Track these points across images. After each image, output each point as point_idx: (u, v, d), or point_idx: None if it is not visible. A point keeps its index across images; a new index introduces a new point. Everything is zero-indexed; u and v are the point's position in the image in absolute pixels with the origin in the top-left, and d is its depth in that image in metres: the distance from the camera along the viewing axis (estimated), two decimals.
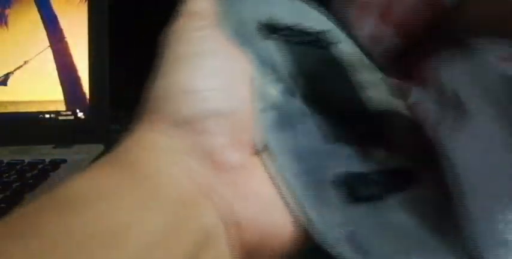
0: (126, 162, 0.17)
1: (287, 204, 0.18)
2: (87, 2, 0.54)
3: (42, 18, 0.55)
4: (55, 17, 0.55)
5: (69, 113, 0.54)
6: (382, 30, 0.22)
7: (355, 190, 0.19)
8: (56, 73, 0.54)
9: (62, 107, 0.54)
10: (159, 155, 0.17)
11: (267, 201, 0.18)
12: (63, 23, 0.55)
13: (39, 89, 0.55)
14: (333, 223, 0.18)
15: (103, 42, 0.53)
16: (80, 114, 0.54)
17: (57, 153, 0.50)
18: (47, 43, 0.55)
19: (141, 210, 0.15)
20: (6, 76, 0.56)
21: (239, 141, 0.18)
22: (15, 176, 0.45)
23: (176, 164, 0.17)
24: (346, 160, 0.21)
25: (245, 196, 0.17)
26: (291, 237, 0.18)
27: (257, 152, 0.19)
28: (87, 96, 0.53)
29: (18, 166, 0.47)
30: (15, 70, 0.55)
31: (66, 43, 0.54)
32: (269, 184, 0.18)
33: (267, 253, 0.18)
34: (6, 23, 0.56)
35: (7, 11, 0.56)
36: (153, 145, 0.18)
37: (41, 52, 0.55)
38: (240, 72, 0.20)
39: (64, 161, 0.47)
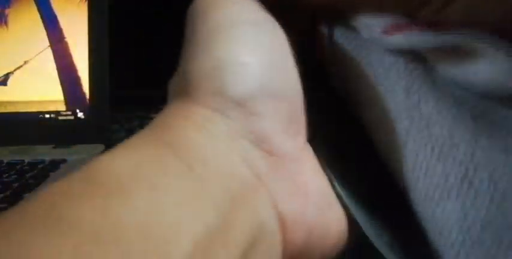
0: (171, 142, 0.14)
1: (339, 201, 0.17)
2: (87, 2, 0.54)
3: (42, 18, 0.55)
4: (55, 17, 0.55)
5: (69, 113, 0.54)
6: None
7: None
8: (56, 73, 0.54)
9: (62, 107, 0.54)
10: (212, 136, 0.15)
11: (316, 194, 0.16)
12: (63, 23, 0.55)
13: (39, 89, 0.55)
14: (384, 228, 0.17)
15: (103, 42, 0.53)
16: (80, 114, 0.54)
17: (57, 153, 0.50)
18: (47, 43, 0.55)
19: (193, 203, 0.13)
20: (6, 76, 0.56)
21: (293, 128, 0.16)
22: (15, 176, 0.45)
23: (231, 146, 0.15)
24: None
25: (296, 190, 0.16)
26: (340, 237, 0.16)
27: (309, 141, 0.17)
28: (87, 96, 0.53)
29: (18, 166, 0.47)
30: (15, 70, 0.55)
31: (66, 43, 0.54)
32: (320, 175, 0.17)
33: (314, 254, 0.16)
34: (6, 23, 0.56)
35: (7, 11, 0.56)
36: (203, 124, 0.15)
37: (41, 52, 0.55)
38: (284, 48, 0.17)
39: (64, 161, 0.47)
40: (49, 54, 0.54)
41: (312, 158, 0.17)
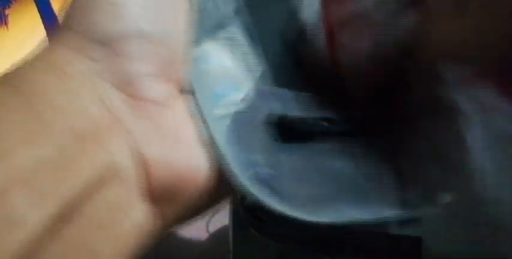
0: (21, 81, 0.14)
1: (204, 145, 0.16)
2: None
3: (42, 18, 0.55)
4: (55, 17, 0.55)
5: None
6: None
7: (286, 129, 0.18)
8: None
9: None
10: (67, 75, 0.15)
11: (184, 141, 0.16)
12: None
13: None
14: (250, 164, 0.17)
15: None
16: None
17: None
18: (47, 43, 0.55)
19: (23, 139, 0.13)
20: None
21: (166, 73, 0.16)
22: None
23: (86, 87, 0.15)
24: (286, 104, 0.19)
25: (161, 133, 0.15)
26: (205, 178, 0.16)
27: (183, 90, 0.17)
28: None
29: None
30: None
31: None
32: (189, 122, 0.17)
33: (179, 199, 0.16)
34: (6, 23, 0.56)
35: (7, 11, 0.56)
36: (60, 64, 0.15)
37: None
38: None
39: None
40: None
41: (183, 107, 0.17)
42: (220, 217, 0.70)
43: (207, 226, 0.72)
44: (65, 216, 0.12)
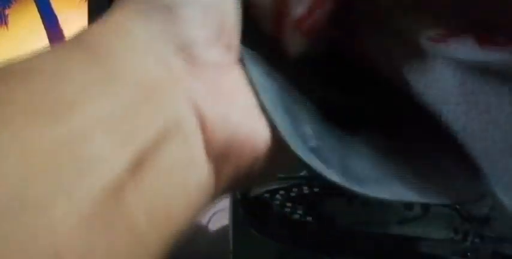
0: (89, 43, 0.15)
1: (262, 110, 0.17)
2: (87, 2, 0.54)
3: (42, 18, 0.55)
4: (55, 17, 0.55)
5: None
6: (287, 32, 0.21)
7: (330, 106, 0.19)
8: None
9: None
10: (130, 39, 0.15)
11: (241, 104, 0.17)
12: (63, 23, 0.55)
13: None
14: (302, 136, 0.18)
15: None
16: None
17: None
18: (47, 43, 0.55)
19: (94, 88, 0.13)
20: None
21: (223, 38, 0.17)
22: None
23: (149, 49, 0.15)
24: (329, 93, 0.20)
25: (219, 94, 0.16)
26: (261, 143, 0.17)
27: (240, 56, 0.18)
28: None
29: None
30: None
31: None
32: (246, 88, 0.17)
33: (234, 159, 0.16)
34: (6, 23, 0.56)
35: (7, 11, 0.56)
36: (123, 28, 0.16)
37: None
38: None
39: None
40: None
41: (239, 74, 0.17)
42: (220, 217, 0.70)
43: (207, 226, 0.72)
44: (140, 164, 0.13)
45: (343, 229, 0.42)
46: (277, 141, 0.17)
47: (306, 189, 0.38)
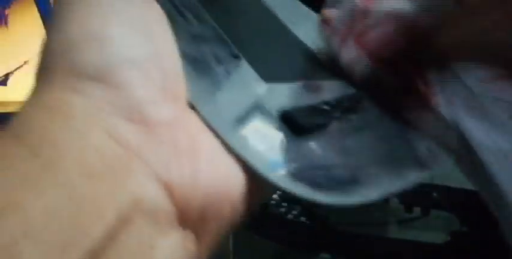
0: (22, 130, 0.14)
1: (229, 153, 0.16)
2: None
3: (42, 18, 0.55)
4: None
5: None
6: (357, 55, 0.21)
7: (299, 122, 0.18)
8: None
9: None
10: (67, 116, 0.14)
11: (205, 155, 0.16)
12: None
13: None
14: (278, 163, 0.17)
15: None
16: None
17: None
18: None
19: (31, 189, 0.12)
20: (6, 76, 0.56)
21: (168, 93, 0.16)
22: None
23: (90, 125, 0.14)
24: (288, 96, 0.20)
25: (181, 155, 0.15)
26: (239, 188, 0.16)
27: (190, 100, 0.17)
28: None
29: None
30: (15, 70, 0.55)
31: None
32: (207, 135, 0.16)
33: (213, 219, 0.15)
34: (6, 23, 0.56)
35: (7, 11, 0.56)
36: (57, 105, 0.14)
37: None
38: (157, 20, 0.17)
39: None
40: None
41: (195, 120, 0.16)
42: None
43: None
44: None
45: (340, 230, 0.42)
46: (253, 176, 0.16)
47: None
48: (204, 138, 0.16)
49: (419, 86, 0.21)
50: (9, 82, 0.56)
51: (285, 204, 0.37)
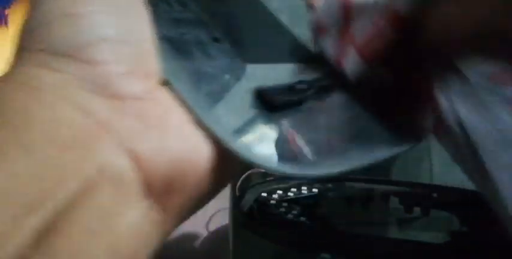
0: None
1: (196, 127, 0.16)
2: None
3: None
4: None
5: None
6: (348, 55, 0.21)
7: (271, 98, 0.19)
8: None
9: None
10: (38, 90, 0.15)
11: (173, 128, 0.16)
12: None
13: None
14: (242, 132, 0.18)
15: None
16: None
17: None
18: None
19: (1, 150, 0.13)
20: None
21: (139, 69, 0.16)
22: None
23: (60, 98, 0.15)
24: (266, 77, 0.21)
25: (149, 127, 0.15)
26: (205, 162, 0.16)
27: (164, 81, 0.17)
28: None
29: None
30: None
31: None
32: (177, 109, 0.17)
33: (179, 190, 0.16)
34: (6, 23, 0.56)
35: (7, 11, 0.56)
36: (28, 80, 0.15)
37: None
38: (133, 1, 0.17)
39: None
40: None
41: (166, 98, 0.17)
42: (220, 217, 0.70)
43: (207, 225, 0.73)
44: (53, 228, 0.12)
45: (340, 230, 0.42)
46: (222, 151, 0.16)
47: (304, 190, 0.38)
48: (175, 113, 0.17)
49: (419, 84, 0.20)
50: None
51: (285, 204, 0.37)
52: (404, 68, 0.21)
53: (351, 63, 0.21)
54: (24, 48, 0.16)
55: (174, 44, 0.19)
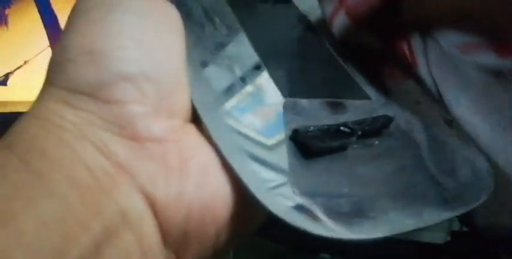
0: (15, 141, 0.14)
1: (225, 171, 0.15)
2: None
3: (42, 18, 0.55)
4: (55, 17, 0.55)
5: None
6: (339, 17, 0.22)
7: (307, 143, 0.17)
8: None
9: None
10: (59, 128, 0.14)
11: (193, 173, 0.15)
12: (63, 22, 0.55)
13: (39, 89, 0.55)
14: (275, 186, 0.16)
15: None
16: None
17: None
18: (47, 43, 0.55)
19: (23, 200, 0.12)
20: (6, 76, 0.56)
21: (165, 109, 0.15)
22: None
23: (81, 138, 0.14)
24: (304, 114, 0.19)
25: (169, 171, 0.15)
26: (224, 209, 0.15)
27: (193, 118, 0.17)
28: None
29: None
30: (15, 70, 0.55)
31: None
32: (202, 151, 0.16)
33: (197, 237, 0.15)
34: (6, 23, 0.56)
35: (7, 11, 0.56)
36: (51, 118, 0.15)
37: (41, 52, 0.55)
38: (168, 30, 0.16)
39: None
40: (49, 54, 0.54)
41: (191, 136, 0.16)
42: None
43: None
44: None
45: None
46: (244, 200, 0.15)
47: None
48: (198, 154, 0.16)
49: (402, 50, 0.21)
50: (9, 82, 0.56)
51: None
52: (390, 32, 0.21)
53: (339, 22, 0.21)
54: (49, 83, 0.16)
55: (211, 70, 0.18)
